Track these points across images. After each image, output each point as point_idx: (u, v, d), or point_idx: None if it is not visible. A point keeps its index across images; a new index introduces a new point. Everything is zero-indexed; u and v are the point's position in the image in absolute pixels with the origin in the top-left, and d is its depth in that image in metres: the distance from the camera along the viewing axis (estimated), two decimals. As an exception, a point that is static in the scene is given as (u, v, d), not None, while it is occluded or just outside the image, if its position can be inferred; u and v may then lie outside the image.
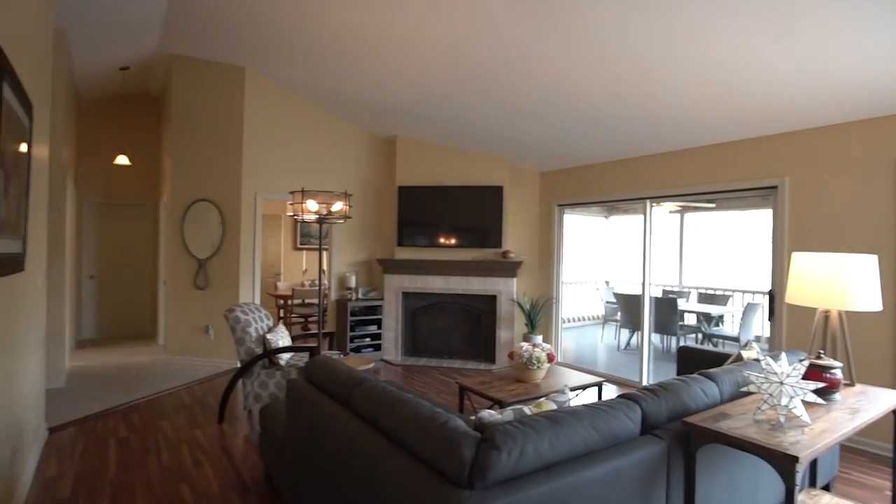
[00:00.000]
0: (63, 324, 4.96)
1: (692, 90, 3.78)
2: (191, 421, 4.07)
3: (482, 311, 6.36)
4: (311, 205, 3.84)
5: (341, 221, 4.12)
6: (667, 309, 6.44)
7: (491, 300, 6.28)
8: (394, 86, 5.00)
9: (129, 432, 3.81)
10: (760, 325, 6.28)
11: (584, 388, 3.64)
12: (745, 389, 2.10)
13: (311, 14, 4.00)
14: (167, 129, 6.33)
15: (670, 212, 7.87)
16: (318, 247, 4.26)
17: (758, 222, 6.82)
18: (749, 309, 6.33)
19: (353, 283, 6.49)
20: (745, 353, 2.77)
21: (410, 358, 6.42)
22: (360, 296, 6.45)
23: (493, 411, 1.77)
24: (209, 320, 5.83)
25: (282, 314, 8.21)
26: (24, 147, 2.48)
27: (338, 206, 3.90)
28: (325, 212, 3.86)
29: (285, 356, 4.13)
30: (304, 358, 4.27)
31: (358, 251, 6.74)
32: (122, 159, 6.55)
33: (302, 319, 8.13)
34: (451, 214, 6.31)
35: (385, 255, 6.67)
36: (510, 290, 6.19)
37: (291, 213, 4.01)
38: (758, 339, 6.21)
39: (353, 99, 5.71)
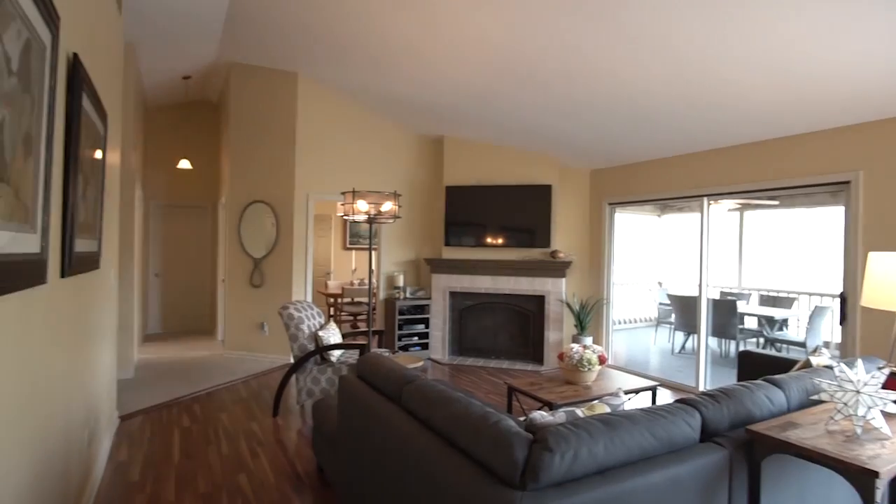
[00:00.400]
0: (132, 318, 5.28)
1: (753, 81, 3.59)
2: (248, 413, 4.24)
3: (530, 312, 6.29)
4: (362, 205, 3.91)
5: (391, 221, 4.17)
6: (725, 311, 6.15)
7: (539, 300, 6.20)
8: (441, 86, 5.02)
9: (192, 422, 4.01)
10: (830, 329, 5.89)
11: (637, 391, 3.53)
12: (815, 398, 1.97)
13: (359, 18, 4.08)
14: (225, 134, 6.62)
15: (729, 210, 7.51)
16: (366, 246, 4.33)
17: (826, 220, 6.40)
18: (817, 312, 5.95)
19: (400, 282, 6.57)
20: (815, 359, 2.60)
21: (458, 357, 6.44)
22: (407, 295, 6.52)
23: (544, 413, 1.74)
24: (264, 317, 6.05)
25: (332, 312, 8.41)
26: (99, 153, 2.66)
27: (387, 206, 3.96)
28: (374, 212, 3.93)
29: (336, 353, 4.23)
30: (354, 355, 4.36)
31: (405, 251, 6.82)
32: (184, 163, 6.92)
33: (351, 318, 8.31)
34: (499, 214, 6.28)
35: (432, 255, 6.72)
36: (559, 291, 6.09)
37: (342, 214, 4.10)
38: (826, 344, 5.83)
39: (401, 100, 5.78)
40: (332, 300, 8.43)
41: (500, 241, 6.27)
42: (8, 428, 1.36)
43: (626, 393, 3.27)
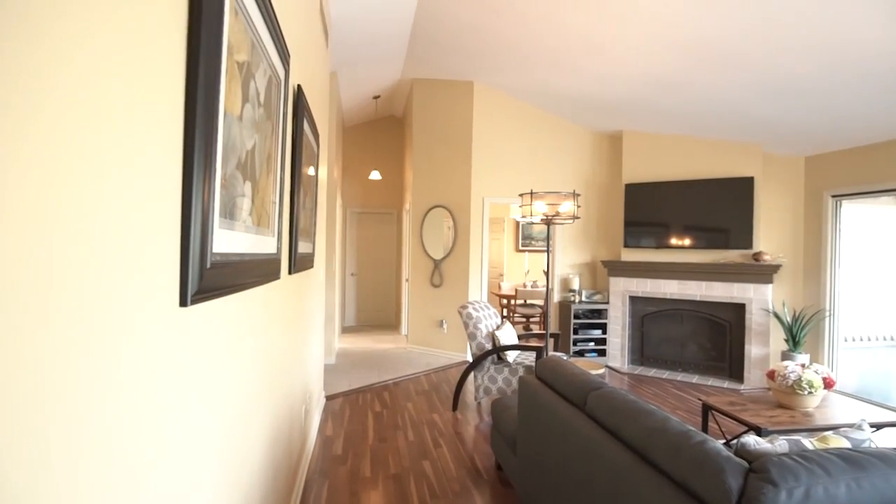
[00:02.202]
0: (334, 312, 6.06)
1: None
2: (429, 405, 4.52)
3: (726, 322, 5.57)
4: (539, 206, 3.88)
5: (570, 222, 4.07)
6: None
7: (738, 309, 5.45)
8: (619, 78, 4.75)
9: (382, 408, 4.42)
10: None
11: (879, 426, 2.86)
12: None
13: (532, 20, 4.06)
14: (409, 145, 7.20)
15: None
16: (538, 249, 4.29)
17: None
18: None
19: (575, 284, 6.38)
20: None
21: (638, 367, 6.00)
22: (583, 298, 6.30)
23: (759, 439, 1.50)
24: (443, 315, 6.41)
25: (505, 313, 8.55)
26: (313, 169, 3.09)
27: (566, 206, 3.86)
28: (552, 213, 3.87)
29: (513, 354, 4.27)
30: (529, 357, 4.35)
31: (581, 252, 6.60)
32: (374, 174, 7.70)
33: (524, 319, 8.34)
34: (686, 212, 5.69)
35: (610, 257, 6.38)
36: (763, 299, 5.27)
37: (521, 216, 4.13)
38: None
39: (574, 97, 5.61)
40: (505, 301, 8.58)
41: (686, 241, 5.68)
42: (258, 399, 1.64)
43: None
